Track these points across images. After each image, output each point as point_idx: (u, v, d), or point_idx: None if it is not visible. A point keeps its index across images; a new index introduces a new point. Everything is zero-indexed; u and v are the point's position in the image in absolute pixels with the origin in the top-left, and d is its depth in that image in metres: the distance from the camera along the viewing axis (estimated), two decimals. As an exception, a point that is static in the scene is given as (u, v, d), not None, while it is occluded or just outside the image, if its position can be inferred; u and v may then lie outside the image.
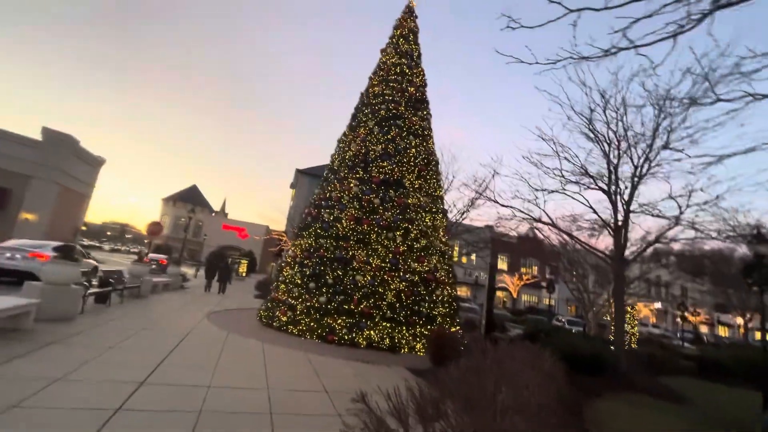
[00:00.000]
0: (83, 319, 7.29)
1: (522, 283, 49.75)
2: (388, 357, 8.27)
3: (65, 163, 31.57)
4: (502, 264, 54.81)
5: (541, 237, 22.03)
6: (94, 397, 3.78)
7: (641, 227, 16.19)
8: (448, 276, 10.87)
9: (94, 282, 11.39)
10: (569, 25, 3.43)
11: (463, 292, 51.73)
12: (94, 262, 17.15)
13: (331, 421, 4.11)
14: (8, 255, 10.95)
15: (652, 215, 9.85)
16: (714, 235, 9.56)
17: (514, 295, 51.95)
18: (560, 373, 4.65)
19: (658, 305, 62.41)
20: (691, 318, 58.35)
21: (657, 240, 10.12)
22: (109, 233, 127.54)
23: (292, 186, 46.90)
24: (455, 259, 50.74)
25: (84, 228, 45.81)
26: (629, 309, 16.80)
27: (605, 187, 10.21)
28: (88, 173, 36.64)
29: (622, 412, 6.11)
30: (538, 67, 3.81)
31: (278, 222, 48.26)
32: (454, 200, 21.93)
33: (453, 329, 9.88)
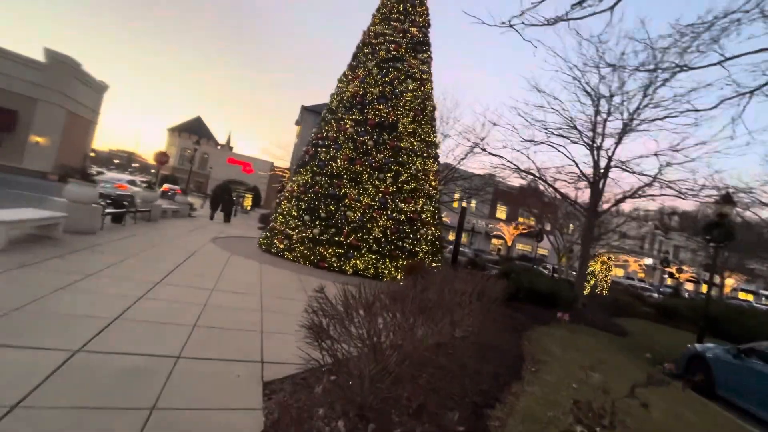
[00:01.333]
0: (103, 234, 8.32)
1: (517, 232, 51.04)
2: (371, 282, 9.39)
3: (69, 87, 31.46)
4: (501, 213, 55.86)
5: (542, 189, 22.63)
6: (121, 290, 4.79)
7: (620, 185, 16.67)
8: (434, 217, 11.72)
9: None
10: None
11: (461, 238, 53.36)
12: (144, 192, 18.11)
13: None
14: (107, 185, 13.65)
15: (630, 172, 10.39)
16: (687, 195, 10.16)
17: (509, 244, 53.59)
18: (497, 293, 5.60)
19: (648, 261, 64.23)
20: (678, 275, 60.45)
21: (631, 195, 10.75)
22: (116, 161, 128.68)
23: (297, 123, 46.52)
24: (454, 205, 51.76)
25: (93, 155, 46.62)
26: (606, 259, 17.92)
27: (589, 142, 10.62)
28: (93, 98, 36.53)
29: (559, 334, 7.24)
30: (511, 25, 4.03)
31: (284, 160, 48.56)
32: (453, 146, 22.10)
33: (434, 264, 10.94)
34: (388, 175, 10.77)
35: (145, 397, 2.56)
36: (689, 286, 64.98)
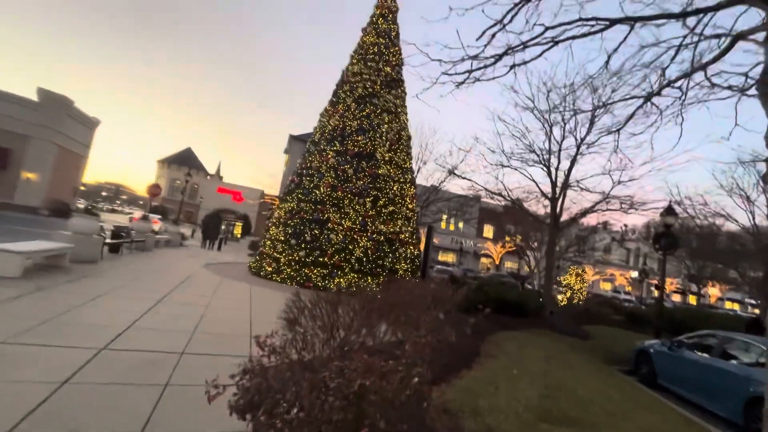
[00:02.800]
0: (104, 263, 9.03)
1: (504, 251, 52.14)
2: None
3: (62, 124, 32.34)
4: (488, 232, 57.12)
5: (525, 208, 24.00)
6: (129, 307, 5.55)
7: (581, 203, 17.71)
8: (412, 237, 12.66)
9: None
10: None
11: (449, 258, 54.29)
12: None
13: (292, 328, 5.95)
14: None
15: (583, 189, 11.57)
16: (633, 210, 11.34)
17: (497, 262, 54.56)
18: (457, 300, 6.46)
19: (634, 274, 65.54)
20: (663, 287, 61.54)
21: (584, 212, 11.89)
22: (104, 193, 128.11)
23: (286, 151, 47.84)
24: (443, 226, 52.81)
25: (83, 188, 46.96)
26: (579, 271, 18.94)
27: (546, 164, 11.82)
28: (84, 134, 37.39)
29: (521, 337, 8.07)
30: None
31: (273, 187, 49.55)
32: (433, 170, 23.32)
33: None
34: (368, 199, 11.75)
35: (159, 377, 3.36)
36: (676, 297, 66.00)
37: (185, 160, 63.62)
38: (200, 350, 4.19)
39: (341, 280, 10.82)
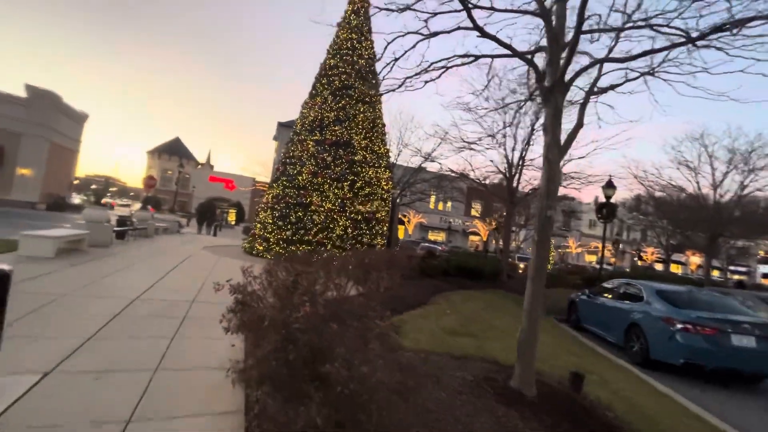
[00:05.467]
0: (115, 247, 10.42)
1: (491, 227, 53.99)
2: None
3: (51, 120, 32.91)
4: (476, 210, 58.86)
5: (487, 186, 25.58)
6: (147, 276, 7.00)
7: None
8: (387, 216, 14.14)
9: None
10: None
11: (440, 236, 56.08)
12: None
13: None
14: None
15: (537, 168, 13.07)
16: (588, 184, 12.91)
17: (485, 239, 56.52)
18: (410, 264, 8.01)
19: (619, 246, 67.85)
20: (646, 257, 64.41)
21: (535, 188, 13.44)
22: (93, 186, 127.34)
23: (275, 138, 48.62)
24: (431, 207, 54.38)
25: (76, 182, 47.63)
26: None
27: (504, 146, 13.28)
28: (74, 129, 37.92)
29: (472, 294, 9.69)
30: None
31: (264, 175, 50.47)
32: (414, 152, 24.45)
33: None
34: (345, 183, 13.15)
35: (179, 313, 4.86)
36: (659, 266, 68.66)
37: (175, 150, 63.94)
38: (205, 299, 5.69)
39: (324, 256, 12.34)
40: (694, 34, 3.31)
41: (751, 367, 5.58)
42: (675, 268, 70.72)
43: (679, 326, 5.83)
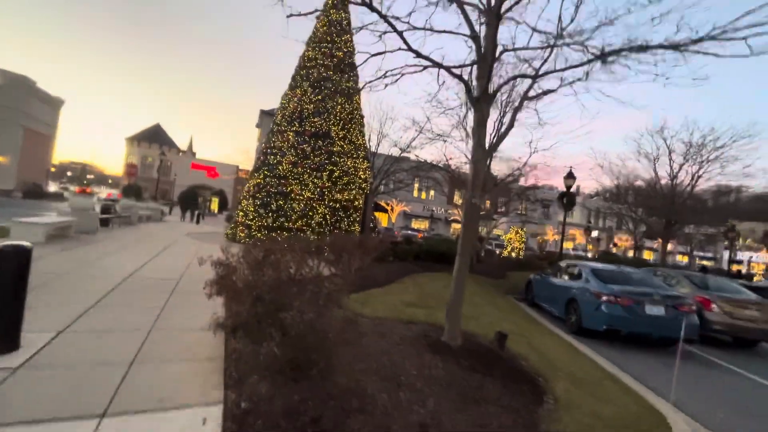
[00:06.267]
0: (101, 234, 10.88)
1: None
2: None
3: (26, 105, 32.24)
4: (458, 199, 60.19)
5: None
6: (136, 258, 7.60)
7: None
8: (365, 204, 14.86)
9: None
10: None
11: (423, 225, 57.16)
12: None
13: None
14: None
15: (503, 159, 13.96)
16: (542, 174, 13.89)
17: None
18: (379, 247, 8.78)
19: (594, 234, 70.33)
20: (619, 243, 67.02)
21: (503, 179, 14.37)
22: (69, 173, 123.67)
23: (258, 126, 48.39)
24: (415, 195, 55.30)
25: (53, 169, 46.58)
26: (519, 230, 21.89)
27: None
28: (50, 114, 37.13)
29: (438, 276, 10.57)
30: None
31: (247, 163, 50.27)
32: (392, 143, 24.92)
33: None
34: (324, 173, 13.79)
35: (168, 288, 5.54)
36: (631, 253, 71.28)
37: (155, 137, 62.79)
38: (192, 277, 6.37)
39: (303, 241, 13.04)
40: (595, 53, 4.11)
41: (660, 332, 6.62)
42: (648, 255, 73.85)
43: (604, 298, 6.82)
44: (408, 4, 4.92)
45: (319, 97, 14.52)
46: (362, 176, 15.10)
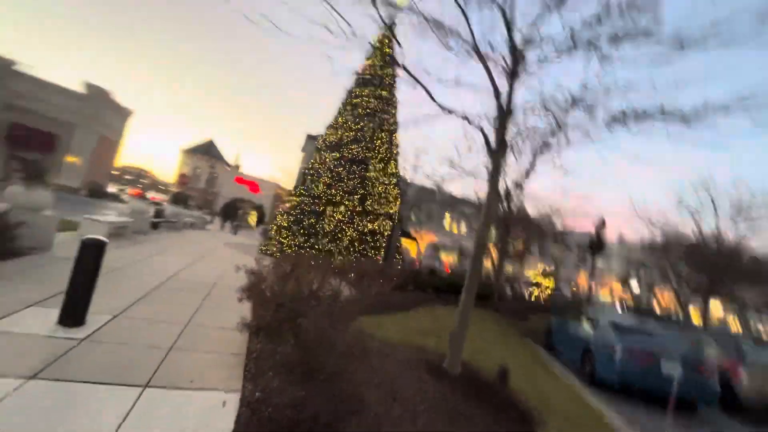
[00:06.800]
0: (151, 235, 12.02)
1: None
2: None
3: (102, 114, 36.07)
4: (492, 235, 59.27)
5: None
6: (179, 260, 8.44)
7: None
8: (391, 230, 15.34)
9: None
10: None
11: (451, 258, 56.56)
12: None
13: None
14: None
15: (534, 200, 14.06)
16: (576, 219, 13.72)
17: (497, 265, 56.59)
18: (397, 274, 9.15)
19: (635, 286, 66.17)
20: (663, 300, 62.65)
21: (530, 221, 14.38)
22: (128, 177, 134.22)
23: (303, 150, 50.94)
24: (446, 228, 55.27)
25: (117, 173, 51.16)
26: (545, 274, 21.39)
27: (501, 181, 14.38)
28: (120, 123, 41.21)
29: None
30: None
31: (288, 183, 52.70)
32: (425, 176, 25.54)
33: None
34: (356, 197, 14.49)
35: (205, 290, 6.20)
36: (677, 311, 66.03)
37: (207, 151, 67.42)
38: (226, 282, 7.03)
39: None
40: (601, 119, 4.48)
41: (676, 392, 6.41)
42: (695, 316, 67.91)
43: (618, 351, 6.74)
44: (438, 56, 5.52)
45: (360, 125, 15.47)
46: (392, 204, 15.67)
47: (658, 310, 55.88)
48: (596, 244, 12.86)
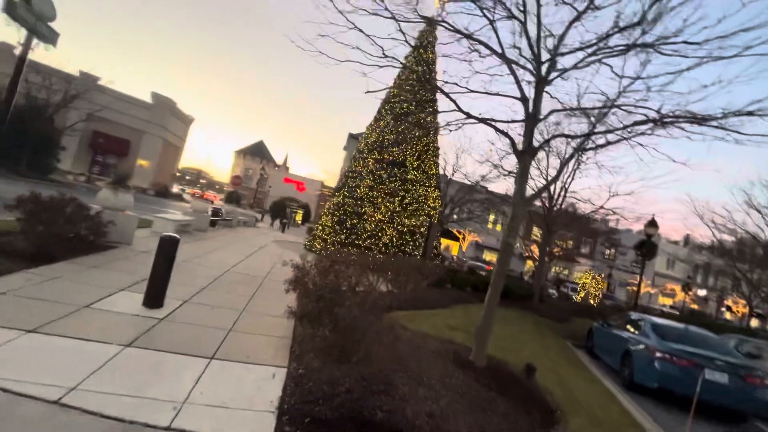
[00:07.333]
0: (209, 233, 13.30)
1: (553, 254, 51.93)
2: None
3: (167, 122, 39.50)
4: (535, 235, 57.10)
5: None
6: (234, 255, 9.38)
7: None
8: (431, 231, 15.61)
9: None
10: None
11: (494, 257, 55.34)
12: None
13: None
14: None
15: (578, 200, 13.62)
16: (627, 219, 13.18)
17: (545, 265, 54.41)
18: (435, 273, 9.46)
19: (703, 292, 60.86)
20: (736, 308, 57.22)
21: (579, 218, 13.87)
22: (188, 177, 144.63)
23: (345, 148, 52.40)
24: (489, 227, 54.20)
25: (179, 174, 55.82)
26: (596, 276, 20.45)
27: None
28: (182, 129, 44.86)
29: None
30: None
31: (331, 181, 54.52)
32: (469, 172, 25.32)
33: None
34: (396, 198, 14.95)
35: (257, 282, 6.96)
36: (754, 322, 60.45)
37: (257, 152, 71.37)
38: (275, 275, 7.79)
39: (370, 258, 14.20)
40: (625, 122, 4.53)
41: (721, 402, 6.16)
42: (773, 325, 61.18)
43: (658, 355, 6.59)
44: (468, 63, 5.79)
45: (400, 128, 15.87)
46: (431, 204, 15.94)
47: (729, 317, 50.89)
48: (645, 246, 12.28)
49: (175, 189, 55.75)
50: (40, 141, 22.62)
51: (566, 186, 13.96)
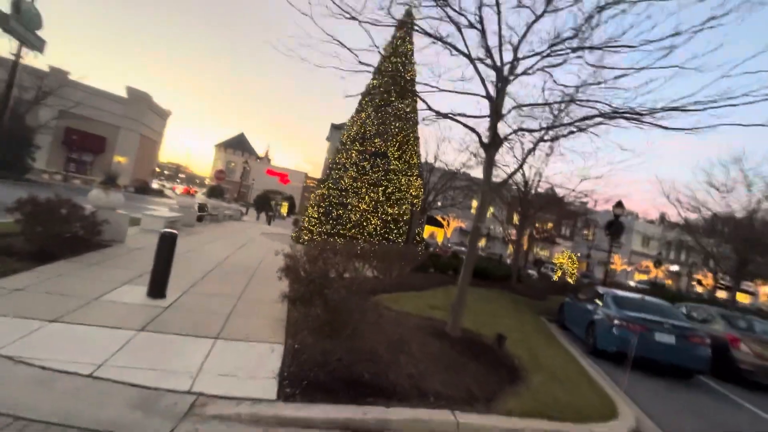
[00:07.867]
0: (197, 227, 13.55)
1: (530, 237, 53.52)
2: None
3: (143, 116, 38.68)
4: (516, 218, 58.67)
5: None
6: (224, 248, 9.75)
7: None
8: (412, 218, 16.20)
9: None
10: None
11: (479, 243, 56.67)
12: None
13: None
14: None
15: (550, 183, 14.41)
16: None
17: (525, 248, 56.10)
18: (418, 258, 10.05)
19: (675, 267, 63.66)
20: (705, 282, 60.19)
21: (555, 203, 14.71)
22: (166, 172, 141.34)
23: (328, 139, 52.30)
24: (473, 212, 55.08)
25: (158, 170, 54.74)
26: (571, 255, 21.57)
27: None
28: (159, 124, 44.01)
29: (474, 290, 11.45)
30: None
31: (315, 172, 54.47)
32: (450, 161, 26.15)
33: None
34: (380, 188, 15.43)
35: (249, 272, 7.39)
36: (721, 294, 63.68)
37: (239, 145, 70.34)
38: (267, 265, 8.23)
39: (356, 247, 14.72)
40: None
41: (669, 360, 7.00)
42: (742, 298, 64.64)
43: (616, 322, 7.38)
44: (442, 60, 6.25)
45: (380, 119, 16.27)
46: (414, 193, 16.50)
47: (700, 290, 53.66)
48: (613, 225, 13.16)
49: (155, 185, 54.75)
50: (15, 141, 22.08)
51: (540, 172, 14.74)
